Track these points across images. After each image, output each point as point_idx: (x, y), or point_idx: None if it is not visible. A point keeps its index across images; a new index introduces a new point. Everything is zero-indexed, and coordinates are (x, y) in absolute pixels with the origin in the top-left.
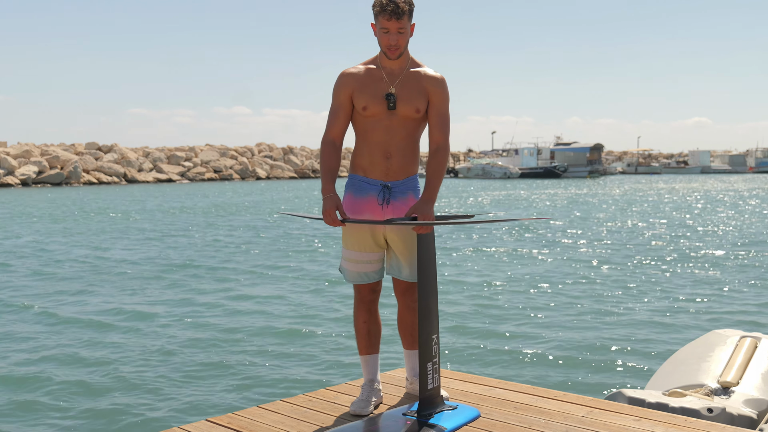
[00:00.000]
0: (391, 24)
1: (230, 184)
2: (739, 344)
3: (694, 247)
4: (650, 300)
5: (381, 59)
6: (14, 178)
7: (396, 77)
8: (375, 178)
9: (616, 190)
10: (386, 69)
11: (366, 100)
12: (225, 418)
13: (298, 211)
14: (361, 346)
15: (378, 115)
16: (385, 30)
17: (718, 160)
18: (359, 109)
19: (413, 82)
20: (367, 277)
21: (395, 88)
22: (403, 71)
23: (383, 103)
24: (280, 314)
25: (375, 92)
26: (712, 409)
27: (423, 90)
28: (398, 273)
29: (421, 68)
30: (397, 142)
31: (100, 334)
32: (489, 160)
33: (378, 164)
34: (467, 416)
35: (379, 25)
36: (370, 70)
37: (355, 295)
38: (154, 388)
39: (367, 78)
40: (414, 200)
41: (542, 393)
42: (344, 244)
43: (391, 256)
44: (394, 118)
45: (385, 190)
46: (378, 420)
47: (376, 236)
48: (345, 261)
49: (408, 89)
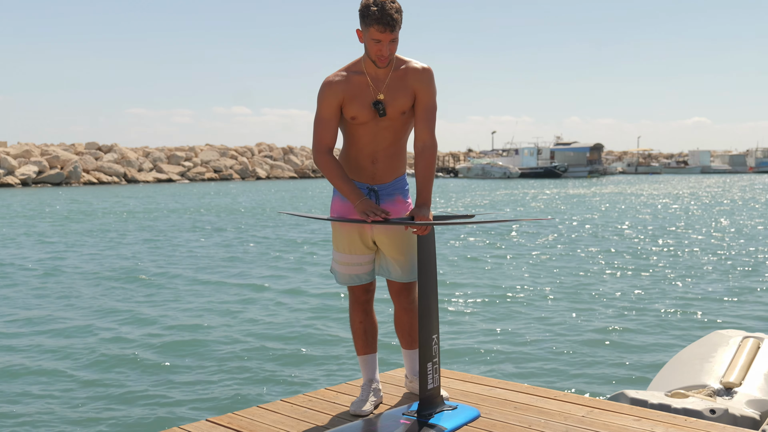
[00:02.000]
0: (384, 36)
1: (230, 184)
2: (742, 344)
3: (696, 247)
4: (652, 300)
5: (366, 65)
6: (14, 178)
7: (382, 82)
8: (361, 182)
9: (616, 190)
10: (371, 75)
11: (355, 111)
12: (225, 418)
13: (298, 210)
14: (358, 346)
15: (368, 123)
16: (377, 40)
17: (718, 160)
18: (347, 118)
19: (399, 83)
20: (359, 278)
21: (384, 93)
22: (388, 75)
23: (372, 111)
24: (280, 314)
25: (363, 101)
26: (715, 410)
27: (409, 88)
28: (388, 274)
29: (405, 64)
30: (384, 147)
31: (100, 334)
32: (489, 160)
33: (364, 169)
34: (467, 416)
35: (370, 35)
36: (355, 78)
37: (350, 296)
38: (154, 388)
39: (354, 87)
40: (401, 201)
41: (542, 393)
42: (335, 246)
43: (381, 258)
44: (382, 122)
45: (371, 194)
46: (378, 420)
47: (365, 238)
48: (336, 263)
49: (394, 92)
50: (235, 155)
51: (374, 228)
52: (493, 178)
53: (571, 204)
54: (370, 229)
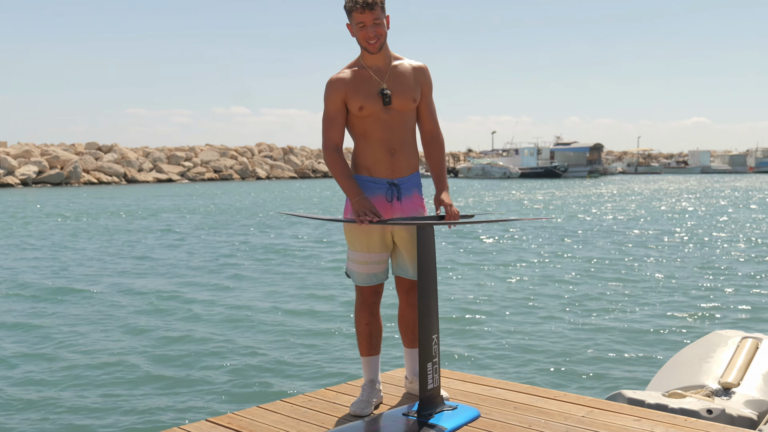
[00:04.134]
0: (365, 17)
1: (231, 184)
2: (741, 345)
3: (696, 247)
4: (652, 300)
5: (364, 58)
6: (14, 178)
7: (384, 73)
8: (380, 176)
9: (616, 190)
10: (372, 67)
11: (361, 101)
12: (225, 418)
13: (297, 210)
14: (362, 347)
15: (375, 114)
16: (361, 25)
17: (718, 160)
18: (355, 110)
19: (402, 74)
20: (376, 278)
21: (386, 83)
22: (388, 66)
23: (379, 100)
24: (281, 314)
25: (368, 91)
26: (712, 410)
27: (415, 80)
28: (405, 272)
29: (403, 60)
30: (399, 137)
31: (99, 334)
32: (489, 160)
33: (383, 162)
34: (467, 416)
35: (354, 21)
36: (357, 72)
37: (357, 297)
38: (154, 388)
39: (357, 79)
40: (418, 197)
41: (542, 393)
42: (351, 246)
43: (398, 255)
44: (391, 113)
45: (392, 188)
46: (378, 420)
47: (384, 235)
48: (352, 263)
49: (399, 82)
50: (235, 155)
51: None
52: (494, 178)
53: (571, 204)
54: (390, 227)
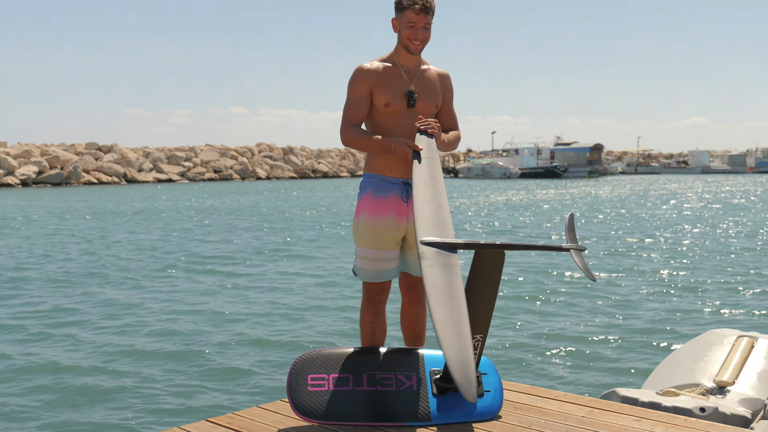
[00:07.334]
0: (419, 18)
1: (230, 184)
2: (736, 344)
3: (693, 247)
4: (648, 299)
5: (398, 56)
6: (14, 178)
7: (413, 75)
8: (396, 176)
9: (616, 191)
10: (403, 66)
11: (388, 97)
12: (225, 418)
13: (300, 212)
14: (364, 345)
15: (398, 113)
16: (411, 24)
17: (718, 160)
18: (380, 105)
19: (429, 79)
20: (387, 274)
21: (414, 85)
22: (418, 69)
23: (404, 100)
24: (280, 314)
25: (396, 89)
26: (705, 408)
27: (440, 87)
28: (415, 269)
29: (430, 66)
30: None
31: (99, 334)
32: (489, 160)
33: (398, 162)
34: (491, 400)
35: (406, 19)
36: (388, 68)
37: (364, 295)
38: (154, 389)
39: (387, 75)
40: None
41: (542, 393)
42: (360, 242)
43: (408, 253)
44: (413, 115)
45: (407, 188)
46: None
47: (397, 233)
48: (360, 259)
49: (425, 87)
50: (235, 155)
51: (409, 222)
52: (494, 178)
53: (571, 203)
54: (405, 223)
